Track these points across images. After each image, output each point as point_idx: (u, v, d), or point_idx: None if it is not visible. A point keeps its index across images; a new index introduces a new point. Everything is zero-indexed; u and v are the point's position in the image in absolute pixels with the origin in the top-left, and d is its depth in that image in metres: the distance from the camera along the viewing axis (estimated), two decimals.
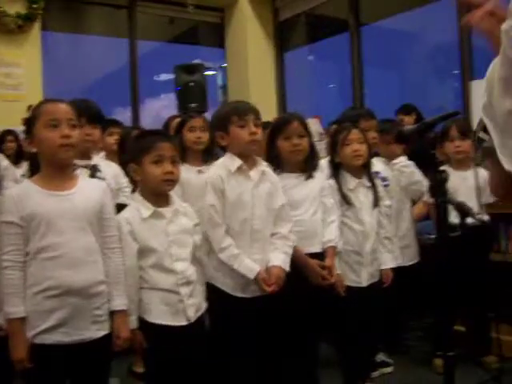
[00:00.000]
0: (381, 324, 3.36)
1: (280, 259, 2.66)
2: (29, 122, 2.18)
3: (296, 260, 2.82)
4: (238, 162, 2.64)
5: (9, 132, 5.64)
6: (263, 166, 2.73)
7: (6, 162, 2.81)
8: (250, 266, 2.58)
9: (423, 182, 3.64)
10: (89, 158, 2.97)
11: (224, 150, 2.76)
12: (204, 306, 2.46)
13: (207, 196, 2.61)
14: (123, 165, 3.21)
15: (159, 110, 9.14)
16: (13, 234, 2.07)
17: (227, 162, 2.68)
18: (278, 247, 2.68)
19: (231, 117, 2.64)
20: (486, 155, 0.88)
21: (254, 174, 2.67)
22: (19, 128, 5.46)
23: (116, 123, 4.24)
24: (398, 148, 3.74)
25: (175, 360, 2.31)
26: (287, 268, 2.66)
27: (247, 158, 2.68)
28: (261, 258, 2.65)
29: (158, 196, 2.40)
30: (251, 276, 2.57)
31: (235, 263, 2.57)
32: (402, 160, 3.70)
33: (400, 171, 3.70)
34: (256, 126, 2.64)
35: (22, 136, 5.58)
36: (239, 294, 2.63)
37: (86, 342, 2.10)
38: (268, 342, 2.67)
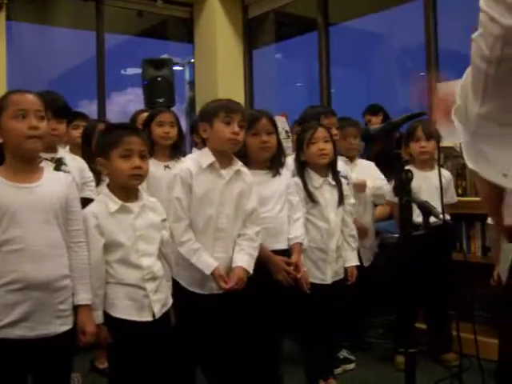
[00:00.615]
0: (344, 321, 3.40)
1: (244, 260, 2.65)
2: None
3: (261, 256, 2.83)
4: (210, 158, 2.64)
5: None
6: (239, 165, 2.72)
7: None
8: (207, 261, 2.57)
9: (385, 187, 3.75)
10: (54, 150, 2.94)
11: (203, 143, 2.76)
12: (170, 301, 2.45)
13: (174, 188, 2.61)
14: (88, 158, 3.19)
15: (125, 104, 9.08)
16: None
17: (200, 158, 2.68)
18: (243, 248, 2.68)
19: (218, 111, 2.63)
20: (474, 175, 0.91)
21: (226, 172, 2.66)
22: None
23: (82, 116, 4.20)
24: (354, 139, 3.89)
25: (140, 356, 2.29)
26: (251, 270, 2.66)
27: (223, 156, 2.67)
28: (223, 256, 2.64)
29: (126, 190, 2.37)
30: (208, 272, 2.56)
31: (193, 257, 2.56)
32: (373, 184, 3.79)
33: (376, 195, 3.81)
34: (240, 127, 2.64)
35: None
36: (196, 290, 2.63)
37: (49, 336, 2.08)
38: (228, 339, 2.67)
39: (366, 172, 3.94)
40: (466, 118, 0.90)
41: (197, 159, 2.68)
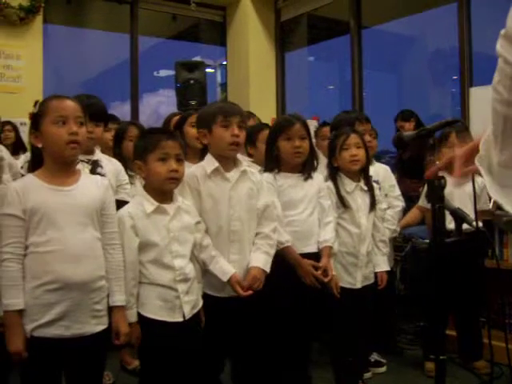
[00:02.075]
0: (375, 326, 3.39)
1: (261, 260, 2.63)
2: (35, 118, 2.18)
3: (289, 260, 2.84)
4: (214, 163, 2.62)
5: (7, 123, 5.62)
6: (244, 165, 2.70)
7: (6, 155, 2.79)
8: (224, 268, 2.55)
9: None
10: (91, 153, 2.98)
11: (205, 148, 2.74)
12: (200, 303, 2.47)
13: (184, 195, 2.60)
14: (119, 161, 3.22)
15: (156, 105, 9.15)
16: (14, 226, 2.07)
17: (205, 164, 2.67)
18: (259, 247, 2.66)
19: (216, 116, 2.61)
20: (508, 227, 0.93)
21: (232, 174, 2.64)
22: (18, 119, 5.48)
23: (113, 119, 4.23)
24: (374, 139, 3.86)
25: (170, 356, 2.32)
26: (267, 269, 2.63)
27: (227, 159, 2.65)
28: (239, 258, 2.62)
29: (162, 193, 2.40)
30: (224, 279, 2.54)
31: (210, 265, 2.55)
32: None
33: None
34: (240, 128, 2.62)
35: (20, 128, 5.60)
36: (215, 293, 2.60)
37: (84, 336, 2.12)
38: (251, 340, 2.66)
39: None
40: (491, 167, 0.92)
41: (202, 165, 2.68)
